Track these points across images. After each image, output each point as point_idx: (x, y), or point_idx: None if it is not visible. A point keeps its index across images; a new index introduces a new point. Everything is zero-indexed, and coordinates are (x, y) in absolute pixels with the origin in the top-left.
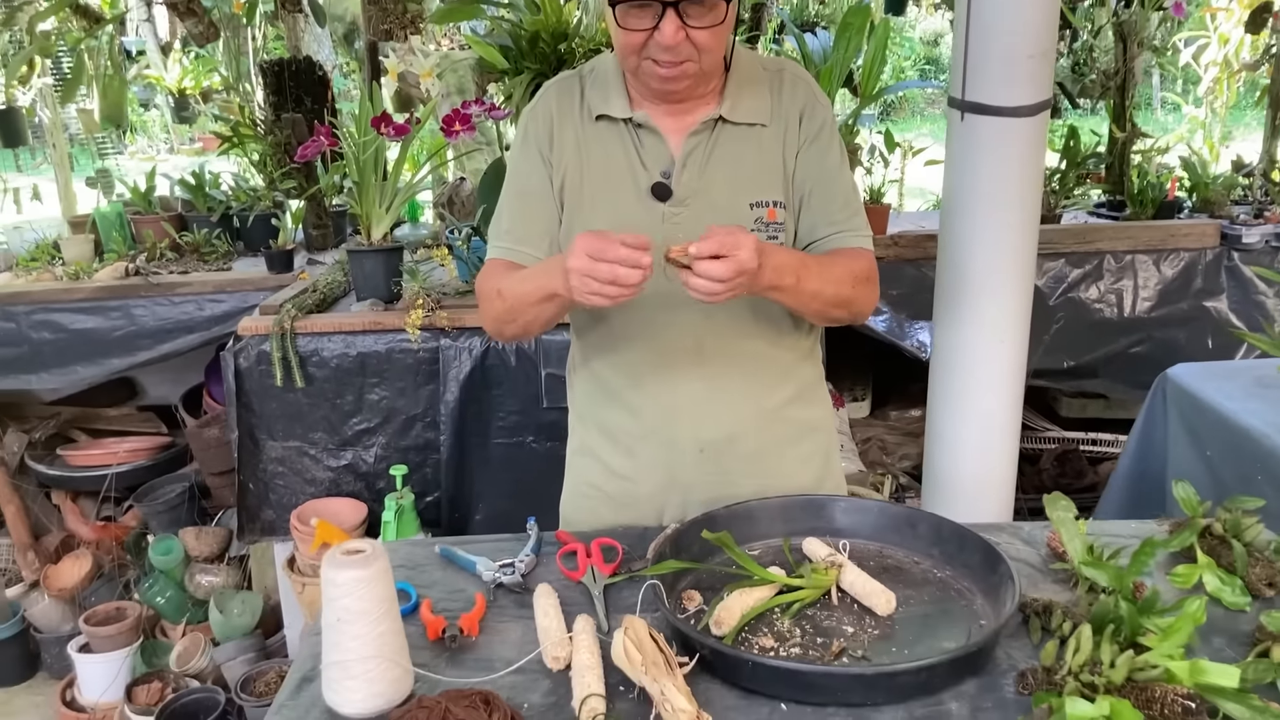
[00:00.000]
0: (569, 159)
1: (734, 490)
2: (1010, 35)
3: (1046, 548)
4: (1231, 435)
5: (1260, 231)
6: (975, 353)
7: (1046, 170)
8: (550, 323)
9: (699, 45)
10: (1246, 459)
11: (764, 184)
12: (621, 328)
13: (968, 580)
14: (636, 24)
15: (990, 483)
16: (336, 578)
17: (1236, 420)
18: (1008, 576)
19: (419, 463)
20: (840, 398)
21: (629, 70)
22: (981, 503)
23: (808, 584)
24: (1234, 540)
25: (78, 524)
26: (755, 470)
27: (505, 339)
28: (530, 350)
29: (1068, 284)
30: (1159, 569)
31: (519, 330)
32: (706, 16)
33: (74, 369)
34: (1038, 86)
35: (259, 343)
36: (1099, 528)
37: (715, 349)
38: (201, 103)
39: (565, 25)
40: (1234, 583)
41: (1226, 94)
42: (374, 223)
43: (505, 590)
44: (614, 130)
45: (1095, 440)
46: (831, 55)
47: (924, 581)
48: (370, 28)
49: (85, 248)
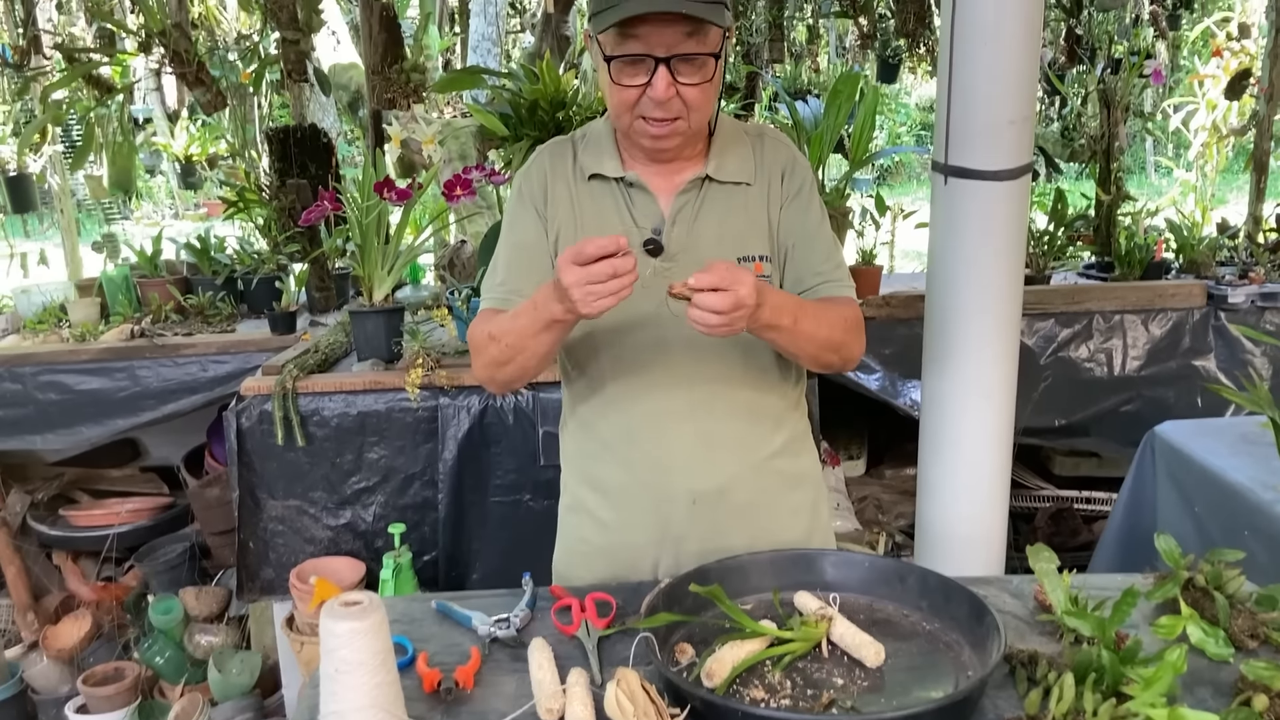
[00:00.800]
0: (563, 215)
1: (726, 542)
2: (991, 101)
3: (1034, 600)
4: (1218, 491)
5: (1245, 292)
6: (963, 410)
7: (1036, 232)
8: (546, 358)
9: (689, 102)
10: (1233, 514)
11: (750, 239)
12: (615, 382)
13: (955, 632)
14: (631, 80)
15: (982, 539)
16: (335, 628)
17: (1223, 476)
18: (994, 628)
19: (417, 521)
20: (835, 456)
21: (622, 129)
22: (973, 559)
23: (798, 636)
24: (1216, 592)
25: (78, 584)
26: (747, 522)
27: (497, 386)
28: (528, 408)
29: (1058, 343)
30: (1143, 621)
31: (514, 372)
32: (697, 74)
33: (78, 429)
34: (1019, 151)
35: (261, 402)
36: (1085, 580)
37: (707, 401)
38: (208, 169)
39: (563, 94)
40: (1217, 634)
41: (1216, 158)
42: (376, 284)
43: (500, 644)
44: (606, 189)
45: (1089, 498)
46: (822, 122)
47: (913, 633)
48: (374, 97)
49: (91, 310)
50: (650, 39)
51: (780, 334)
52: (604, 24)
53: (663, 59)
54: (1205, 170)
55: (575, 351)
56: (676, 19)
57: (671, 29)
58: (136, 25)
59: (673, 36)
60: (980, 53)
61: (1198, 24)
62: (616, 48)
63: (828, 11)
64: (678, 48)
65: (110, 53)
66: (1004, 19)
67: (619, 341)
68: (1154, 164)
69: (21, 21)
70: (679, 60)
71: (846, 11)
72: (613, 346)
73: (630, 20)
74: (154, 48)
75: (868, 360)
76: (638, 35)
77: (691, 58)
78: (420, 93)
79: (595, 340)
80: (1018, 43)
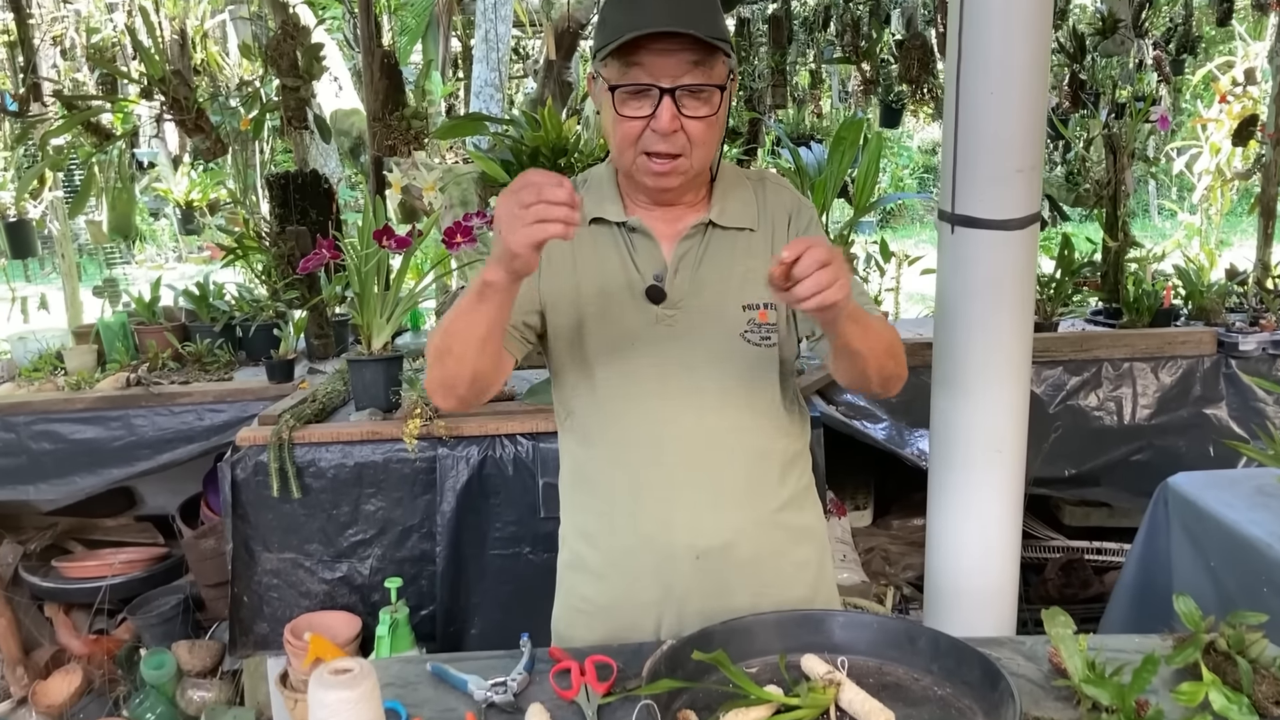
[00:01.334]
0: (557, 255)
1: (730, 601)
2: (997, 150)
3: (1049, 663)
4: (1235, 546)
5: (1256, 339)
6: (972, 461)
7: (1042, 278)
8: (483, 345)
9: (692, 138)
10: (1251, 570)
11: (754, 286)
12: (615, 433)
13: (968, 698)
14: (634, 111)
15: (992, 593)
16: (324, 698)
17: (1239, 530)
18: (1008, 694)
19: (414, 575)
20: (842, 506)
21: (624, 167)
22: (984, 614)
23: (805, 703)
24: (1238, 656)
25: (69, 637)
26: (751, 579)
27: (442, 392)
28: (528, 459)
29: (1067, 391)
30: (1163, 686)
31: (454, 366)
32: (702, 107)
33: (72, 479)
34: (1026, 199)
35: (257, 453)
36: (1101, 642)
37: (711, 453)
38: (208, 215)
39: (565, 140)
40: (1240, 701)
41: (1220, 201)
42: (375, 332)
43: (497, 710)
44: (608, 234)
45: (1100, 549)
46: (826, 168)
47: (924, 699)
48: (375, 143)
49: (88, 358)
50: (655, 68)
51: (857, 325)
52: (608, 47)
53: (667, 89)
54: (1210, 214)
55: (573, 399)
56: (682, 48)
57: (677, 58)
58: (138, 72)
59: (678, 67)
60: (986, 101)
61: (1200, 69)
62: (621, 77)
63: (830, 57)
64: (683, 78)
65: (111, 99)
66: (1010, 67)
67: (619, 391)
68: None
69: (22, 69)
70: (684, 93)
71: (849, 57)
72: (613, 396)
73: (635, 49)
74: (154, 94)
75: (874, 409)
76: (642, 64)
77: (697, 90)
78: (421, 139)
79: (595, 388)
80: (1024, 91)
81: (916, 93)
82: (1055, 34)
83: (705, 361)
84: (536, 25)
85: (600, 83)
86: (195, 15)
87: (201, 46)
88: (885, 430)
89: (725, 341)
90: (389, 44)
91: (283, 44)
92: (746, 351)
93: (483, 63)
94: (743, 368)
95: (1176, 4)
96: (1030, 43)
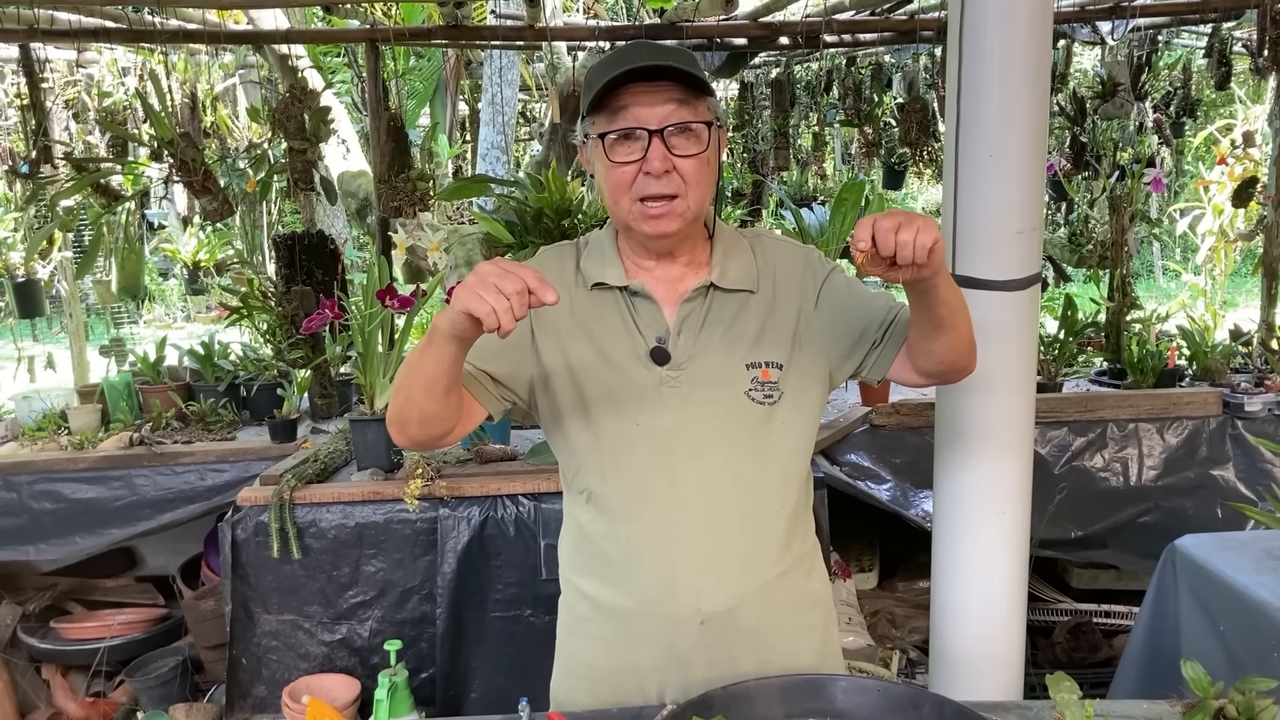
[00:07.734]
0: (563, 323)
1: (734, 667)
2: (998, 211)
3: None
4: (1244, 610)
5: (1262, 400)
6: (977, 524)
7: (1046, 338)
8: (431, 388)
9: (685, 177)
10: (1261, 635)
11: (757, 346)
12: (618, 495)
13: None
14: (625, 156)
15: (999, 659)
16: None
17: (1249, 594)
18: None
19: (414, 637)
20: (847, 568)
21: (621, 217)
22: (990, 678)
23: None
24: None
25: (66, 700)
26: (758, 646)
27: (396, 428)
28: (529, 519)
29: (1072, 452)
30: None
31: (403, 403)
32: (692, 144)
33: (73, 539)
34: (1028, 261)
35: (258, 513)
36: (1109, 708)
37: (716, 516)
38: (216, 275)
39: (569, 202)
40: None
41: (1224, 262)
42: (377, 392)
43: None
44: (610, 297)
45: (1108, 611)
46: (828, 228)
47: None
48: (381, 205)
49: (92, 417)
50: (641, 111)
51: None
52: (594, 96)
53: (655, 130)
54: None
55: (576, 460)
56: (664, 89)
57: (661, 97)
58: (148, 135)
59: (664, 108)
60: (986, 164)
61: (1201, 130)
62: (609, 124)
63: (832, 120)
64: (670, 118)
65: (121, 161)
66: (1008, 130)
67: (623, 452)
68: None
69: (34, 132)
70: (672, 133)
71: (851, 120)
72: (616, 457)
73: (619, 94)
74: (163, 156)
75: (878, 469)
76: (627, 107)
77: (685, 129)
78: (426, 201)
79: (599, 449)
80: (1023, 153)
81: (917, 155)
82: (1056, 97)
83: (710, 421)
84: (542, 89)
85: (591, 143)
86: (207, 79)
87: (212, 110)
88: (890, 491)
89: (730, 401)
90: (395, 108)
91: (291, 107)
92: (751, 410)
93: (489, 125)
94: (749, 425)
95: (1176, 68)
96: (1028, 105)
